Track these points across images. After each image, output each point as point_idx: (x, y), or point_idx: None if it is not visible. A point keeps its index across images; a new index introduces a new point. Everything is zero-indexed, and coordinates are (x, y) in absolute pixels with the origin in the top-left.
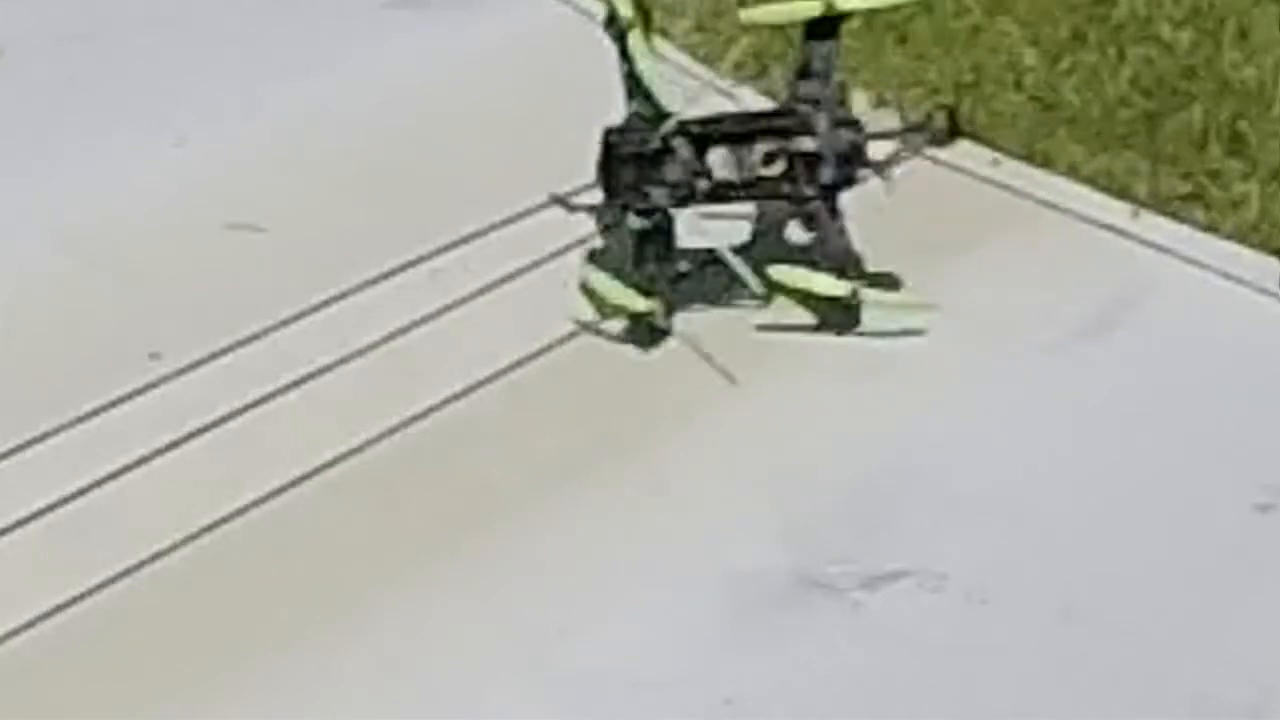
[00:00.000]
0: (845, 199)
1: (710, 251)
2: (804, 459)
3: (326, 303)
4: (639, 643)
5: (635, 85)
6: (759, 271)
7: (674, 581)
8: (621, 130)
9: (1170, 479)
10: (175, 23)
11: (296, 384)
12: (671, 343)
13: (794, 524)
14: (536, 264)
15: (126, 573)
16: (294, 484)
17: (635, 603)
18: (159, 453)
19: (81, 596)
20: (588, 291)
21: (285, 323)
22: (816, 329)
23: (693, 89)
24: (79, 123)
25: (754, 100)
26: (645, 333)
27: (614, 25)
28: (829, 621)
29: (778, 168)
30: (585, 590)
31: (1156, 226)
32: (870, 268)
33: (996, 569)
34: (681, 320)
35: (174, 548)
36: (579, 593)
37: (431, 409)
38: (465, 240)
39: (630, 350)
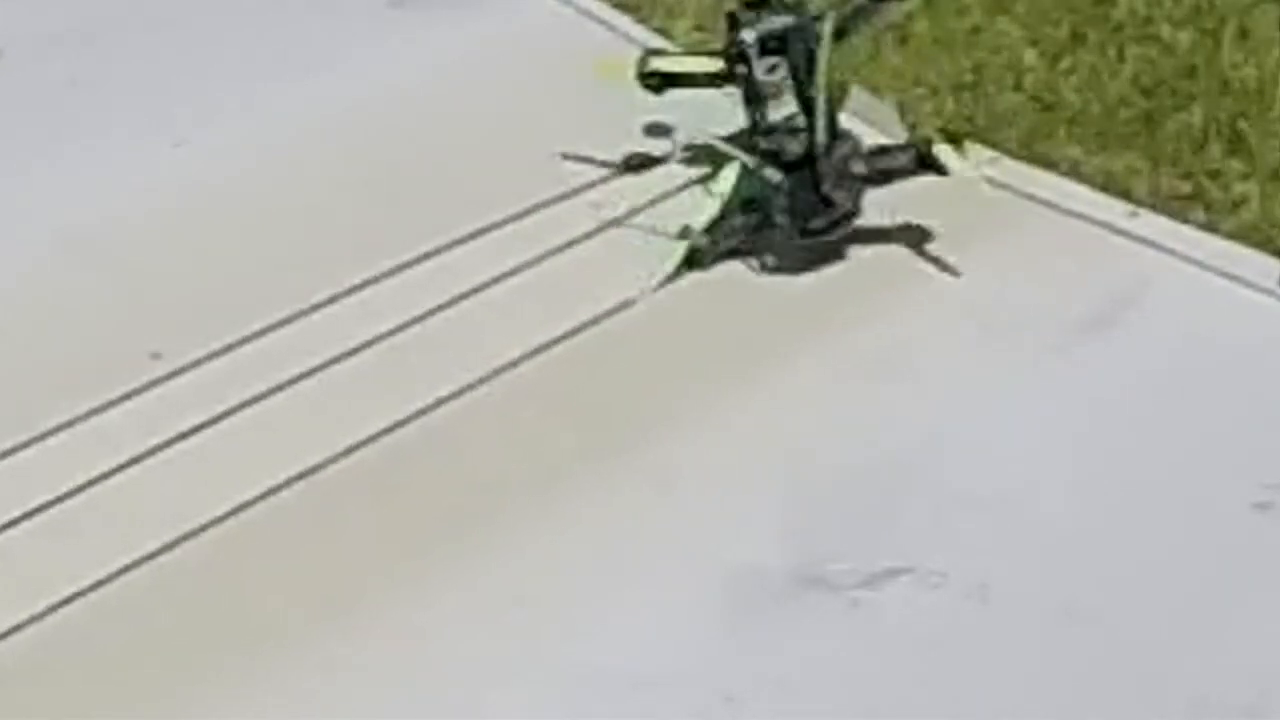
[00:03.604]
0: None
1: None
2: (803, 457)
3: (326, 302)
4: (639, 641)
5: None
6: None
7: (674, 580)
8: None
9: (1170, 477)
10: (175, 23)
11: (296, 383)
12: (673, 342)
13: (793, 522)
14: (536, 263)
15: (125, 572)
16: (293, 483)
17: (635, 601)
18: (159, 452)
19: (80, 595)
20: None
21: (285, 322)
22: None
23: None
24: (79, 123)
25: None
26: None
27: None
28: (828, 619)
29: None
30: (585, 589)
31: (1156, 226)
32: (871, 265)
33: (996, 567)
34: None
35: (173, 547)
36: (579, 592)
37: (431, 408)
38: (465, 239)
39: (631, 349)
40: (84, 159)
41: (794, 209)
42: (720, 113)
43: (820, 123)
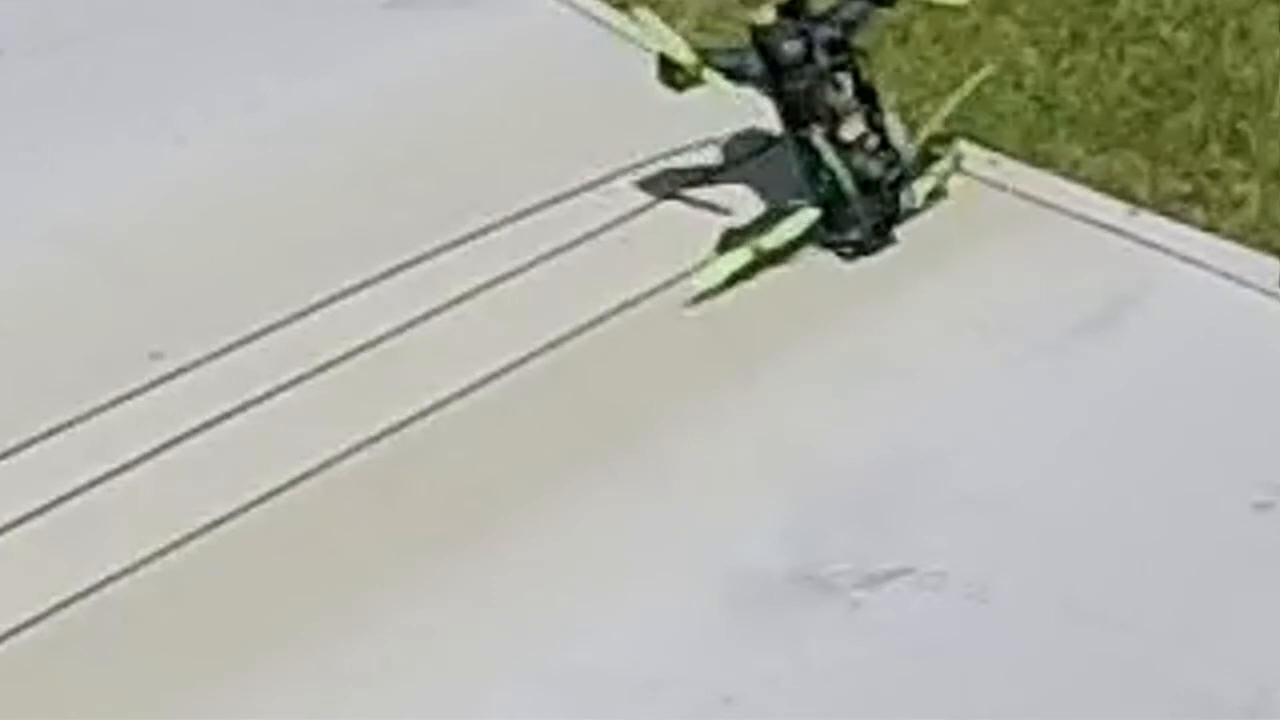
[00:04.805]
0: None
1: None
2: (803, 458)
3: (326, 302)
4: (639, 642)
5: None
6: None
7: (674, 581)
8: None
9: (1169, 477)
10: (175, 23)
11: (296, 383)
12: (673, 342)
13: (793, 522)
14: (536, 263)
15: (126, 573)
16: (294, 484)
17: (635, 602)
18: (159, 452)
19: (81, 596)
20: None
21: (285, 322)
22: None
23: None
24: (79, 123)
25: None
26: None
27: None
28: (828, 620)
29: None
30: (585, 590)
31: (1156, 226)
32: (870, 265)
33: (996, 567)
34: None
35: (174, 547)
36: (579, 593)
37: (431, 409)
38: (465, 239)
39: (631, 349)
40: (84, 158)
41: (868, 224)
42: (738, 112)
43: (895, 136)
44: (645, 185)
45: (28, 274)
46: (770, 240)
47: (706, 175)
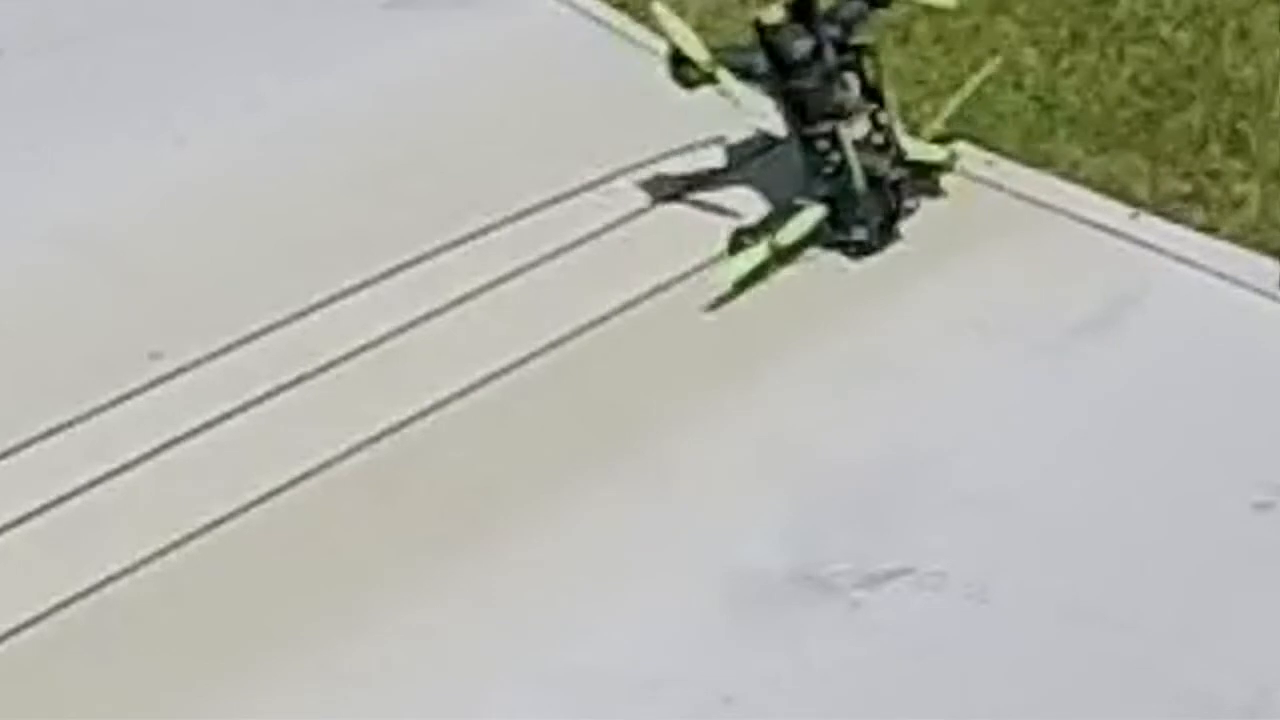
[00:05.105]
0: None
1: None
2: (803, 458)
3: (326, 302)
4: (639, 642)
5: None
6: None
7: (674, 581)
8: None
9: (1169, 478)
10: (174, 23)
11: (296, 383)
12: (673, 342)
13: (793, 522)
14: (536, 263)
15: (126, 573)
16: (294, 484)
17: (635, 602)
18: (159, 452)
19: (80, 596)
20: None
21: (285, 322)
22: None
23: None
24: (79, 123)
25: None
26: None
27: None
28: (828, 620)
29: None
30: (585, 590)
31: (1155, 227)
32: (871, 266)
33: (996, 567)
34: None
35: (174, 547)
36: (579, 593)
37: (431, 409)
38: (465, 239)
39: (631, 349)
40: (84, 159)
41: (874, 222)
42: (740, 112)
43: (897, 135)
44: (646, 185)
45: (28, 274)
46: (785, 237)
47: (707, 175)
